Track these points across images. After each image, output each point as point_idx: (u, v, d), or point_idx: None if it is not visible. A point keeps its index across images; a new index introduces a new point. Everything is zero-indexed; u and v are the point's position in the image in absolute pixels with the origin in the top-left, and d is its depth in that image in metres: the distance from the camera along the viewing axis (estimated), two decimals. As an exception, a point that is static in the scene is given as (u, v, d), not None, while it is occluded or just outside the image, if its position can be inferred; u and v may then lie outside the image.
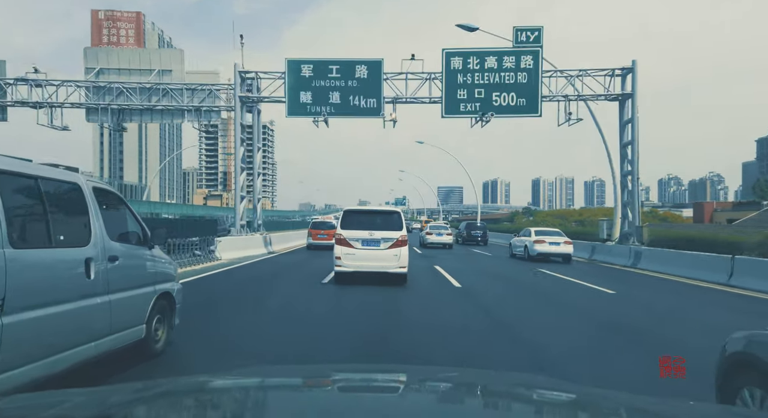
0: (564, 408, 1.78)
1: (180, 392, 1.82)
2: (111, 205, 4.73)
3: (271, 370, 2.84)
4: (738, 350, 3.08)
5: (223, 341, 6.09)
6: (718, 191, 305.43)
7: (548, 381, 2.66)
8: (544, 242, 19.42)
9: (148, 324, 4.97)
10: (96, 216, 4.26)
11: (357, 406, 1.62)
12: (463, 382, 2.12)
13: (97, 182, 4.58)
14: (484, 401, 1.87)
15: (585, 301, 10.38)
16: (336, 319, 7.84)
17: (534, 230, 20.83)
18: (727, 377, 3.14)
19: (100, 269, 4.16)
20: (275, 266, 16.34)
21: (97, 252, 4.16)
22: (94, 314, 4.09)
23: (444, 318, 8.00)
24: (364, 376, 2.31)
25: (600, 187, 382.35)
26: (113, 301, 4.33)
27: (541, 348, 6.14)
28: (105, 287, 4.23)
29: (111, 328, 4.31)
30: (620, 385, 4.47)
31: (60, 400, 1.64)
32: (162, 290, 5.27)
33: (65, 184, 4.06)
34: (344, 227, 11.62)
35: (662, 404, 1.74)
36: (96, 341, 4.10)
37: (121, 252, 4.56)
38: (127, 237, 4.84)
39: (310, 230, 24.52)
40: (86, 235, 4.11)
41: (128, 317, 4.64)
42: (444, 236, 27.51)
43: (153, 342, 5.12)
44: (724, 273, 13.06)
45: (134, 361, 4.88)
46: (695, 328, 7.73)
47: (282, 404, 1.68)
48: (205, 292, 10.05)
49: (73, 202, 4.13)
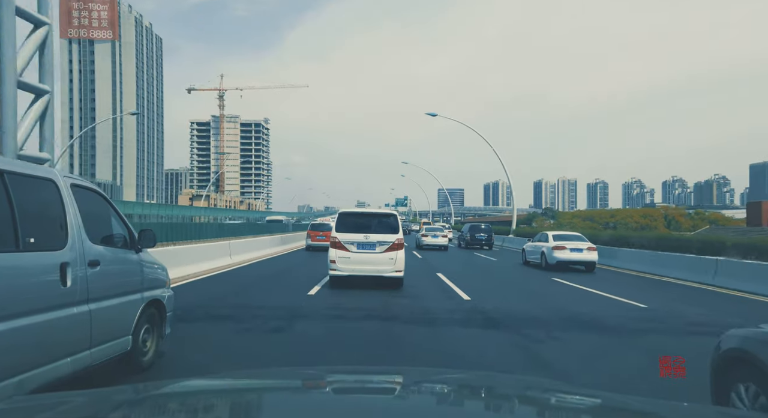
0: (564, 410, 1.81)
1: (178, 394, 1.86)
2: (93, 204, 4.39)
3: (270, 372, 2.86)
4: (732, 347, 3.19)
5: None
6: (724, 194, 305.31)
7: (548, 383, 2.69)
8: (565, 249, 17.26)
9: (134, 335, 4.66)
10: (74, 217, 3.90)
11: (353, 408, 1.64)
12: (462, 384, 2.15)
13: (76, 179, 4.21)
14: (482, 403, 1.91)
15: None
16: (326, 352, 6.26)
17: (552, 234, 18.58)
18: (721, 374, 3.26)
19: (78, 275, 3.80)
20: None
21: (75, 256, 3.79)
22: (71, 325, 3.74)
23: (460, 352, 6.31)
24: (360, 377, 2.33)
25: (603, 190, 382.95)
26: (94, 310, 3.97)
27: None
28: (84, 295, 3.86)
29: (91, 341, 3.96)
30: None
31: (58, 402, 1.67)
32: (151, 297, 4.96)
33: (38, 180, 3.67)
34: (339, 229, 11.45)
35: (660, 406, 1.80)
36: (72, 356, 3.74)
37: (104, 256, 4.19)
38: (111, 240, 4.49)
39: (309, 232, 25.98)
40: (62, 237, 3.75)
41: (112, 327, 4.30)
42: (439, 238, 28.95)
43: (140, 354, 4.80)
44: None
45: (119, 375, 4.58)
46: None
47: (282, 406, 1.71)
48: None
49: (47, 201, 3.78)
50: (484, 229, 32.02)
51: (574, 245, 17.44)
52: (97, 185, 4.73)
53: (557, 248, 17.33)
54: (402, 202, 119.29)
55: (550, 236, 18.39)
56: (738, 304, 10.97)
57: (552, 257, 17.42)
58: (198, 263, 13.97)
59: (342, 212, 12.04)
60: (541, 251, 18.16)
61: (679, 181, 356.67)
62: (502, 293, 12.31)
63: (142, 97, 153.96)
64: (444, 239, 29.22)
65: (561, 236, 18.57)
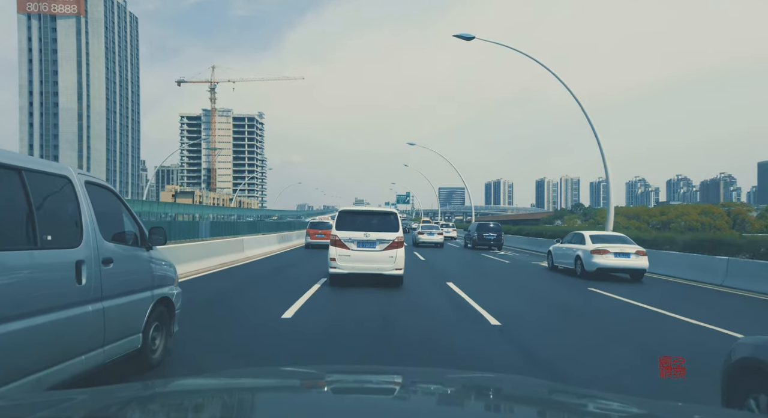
0: (564, 410, 1.85)
1: (180, 393, 1.91)
2: (105, 202, 4.55)
3: (271, 371, 2.92)
4: (745, 356, 3.11)
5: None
6: (731, 192, 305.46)
7: (548, 383, 2.72)
8: (608, 252, 14.74)
9: (144, 333, 4.84)
10: (89, 214, 4.00)
11: (352, 408, 1.67)
12: (461, 384, 2.20)
13: (90, 176, 4.32)
14: (482, 404, 1.96)
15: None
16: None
17: (588, 234, 16.22)
18: (733, 384, 3.19)
19: (92, 273, 3.92)
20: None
21: (90, 254, 3.90)
22: (85, 323, 3.86)
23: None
24: (359, 377, 2.38)
25: (606, 189, 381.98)
26: (107, 308, 4.09)
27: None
28: (98, 293, 3.98)
29: (104, 339, 4.10)
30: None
31: (60, 399, 1.70)
32: (160, 294, 5.16)
33: (54, 177, 3.79)
34: (339, 227, 11.71)
35: (661, 407, 1.83)
36: (86, 354, 3.88)
37: (116, 254, 4.33)
38: (122, 237, 4.62)
39: (308, 230, 27.46)
40: (77, 235, 3.86)
41: (124, 325, 4.47)
42: (435, 236, 30.65)
43: (150, 352, 4.97)
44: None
45: (128, 373, 4.74)
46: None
47: (282, 405, 1.75)
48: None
49: (63, 199, 3.90)
50: (493, 228, 30.49)
51: (620, 248, 14.87)
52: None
53: (598, 252, 14.86)
54: (404, 199, 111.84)
55: (586, 236, 15.98)
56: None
57: (591, 262, 14.93)
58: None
59: (342, 210, 12.29)
60: (576, 254, 15.82)
61: (684, 180, 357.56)
62: (539, 313, 9.65)
63: (113, 82, 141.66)
64: (440, 236, 30.84)
65: (600, 237, 16.02)
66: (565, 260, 16.80)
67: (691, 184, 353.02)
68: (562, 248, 17.32)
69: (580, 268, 15.41)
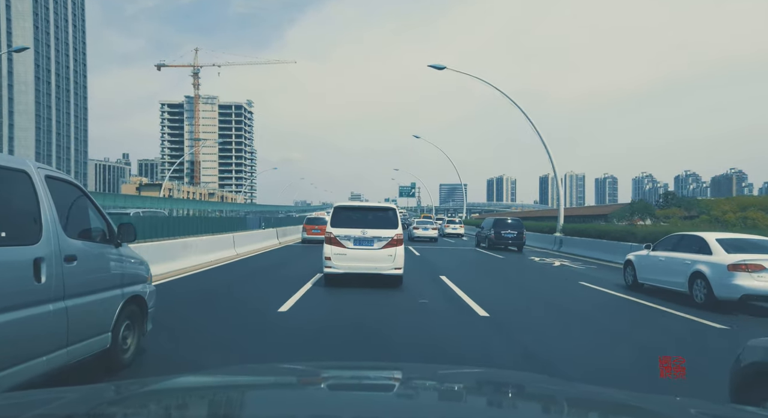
0: (563, 405, 1.85)
1: (173, 390, 1.93)
2: (69, 197, 4.50)
3: (264, 368, 2.94)
4: (756, 360, 3.02)
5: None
6: (743, 188, 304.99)
7: (547, 379, 2.76)
8: (763, 269, 9.32)
9: (114, 332, 4.79)
10: (49, 210, 3.96)
11: (350, 405, 1.68)
12: (461, 380, 2.21)
13: (52, 171, 4.27)
14: (482, 399, 1.98)
15: None
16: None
17: (715, 237, 10.62)
18: (743, 390, 3.07)
19: (53, 271, 3.87)
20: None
21: (50, 251, 3.87)
22: (46, 323, 3.83)
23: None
24: (356, 373, 2.41)
25: (612, 185, 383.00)
26: (70, 307, 4.06)
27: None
28: (60, 292, 3.94)
29: (68, 338, 4.05)
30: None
31: (52, 397, 1.72)
32: (131, 292, 5.11)
33: (11, 172, 3.76)
34: (335, 224, 11.29)
35: (664, 403, 1.83)
36: (47, 355, 3.83)
37: (81, 251, 4.28)
38: (89, 234, 4.59)
39: (304, 226, 28.90)
40: (36, 231, 3.82)
41: (90, 325, 4.42)
42: (429, 231, 33.27)
43: (120, 352, 4.94)
44: None
45: (98, 373, 4.69)
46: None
47: (277, 400, 1.77)
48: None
49: (21, 194, 3.85)
50: (513, 224, 26.00)
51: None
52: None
53: (741, 268, 9.40)
54: (408, 192, 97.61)
55: (711, 241, 10.42)
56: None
57: (729, 285, 9.44)
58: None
59: (338, 205, 11.87)
60: (693, 270, 10.28)
61: (693, 176, 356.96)
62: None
63: (45, 44, 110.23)
64: (434, 231, 33.71)
65: (738, 242, 10.53)
66: (666, 277, 11.32)
67: (700, 180, 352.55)
68: (656, 258, 11.76)
69: (704, 292, 9.93)
